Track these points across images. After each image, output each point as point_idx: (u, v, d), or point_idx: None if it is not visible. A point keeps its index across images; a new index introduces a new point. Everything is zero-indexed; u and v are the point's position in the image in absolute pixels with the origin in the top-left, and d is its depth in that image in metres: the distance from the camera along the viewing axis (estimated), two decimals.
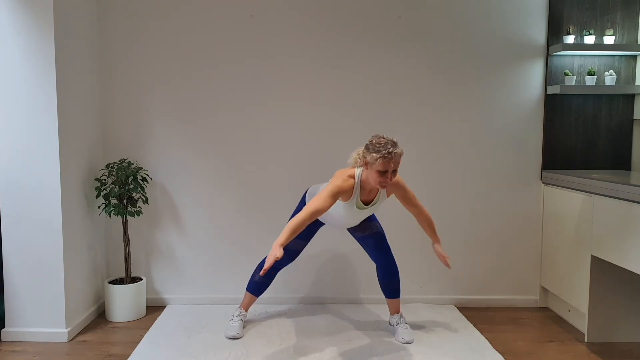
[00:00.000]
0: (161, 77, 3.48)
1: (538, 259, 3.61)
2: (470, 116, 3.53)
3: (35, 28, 2.85)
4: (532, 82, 3.52)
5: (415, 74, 3.49)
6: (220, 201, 3.54)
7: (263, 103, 3.49)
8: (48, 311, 2.99)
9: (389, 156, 2.54)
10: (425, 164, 3.55)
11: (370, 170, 2.61)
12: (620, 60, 3.49)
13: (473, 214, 3.59)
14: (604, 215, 2.84)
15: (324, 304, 3.57)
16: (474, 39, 3.49)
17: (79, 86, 3.18)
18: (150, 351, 2.84)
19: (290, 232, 2.52)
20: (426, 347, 2.89)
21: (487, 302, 3.62)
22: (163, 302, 3.59)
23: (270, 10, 3.45)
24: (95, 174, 3.37)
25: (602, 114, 3.54)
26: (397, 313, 3.07)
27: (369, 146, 2.61)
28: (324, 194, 2.61)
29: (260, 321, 3.26)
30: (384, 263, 2.99)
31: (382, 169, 2.56)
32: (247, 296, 3.14)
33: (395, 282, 3.03)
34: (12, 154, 2.92)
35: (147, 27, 3.45)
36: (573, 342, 3.03)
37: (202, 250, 3.57)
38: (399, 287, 3.05)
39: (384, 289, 3.05)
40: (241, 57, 3.47)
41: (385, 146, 2.56)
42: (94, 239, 3.39)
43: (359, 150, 2.71)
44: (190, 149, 3.52)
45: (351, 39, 3.47)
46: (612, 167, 3.56)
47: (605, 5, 3.46)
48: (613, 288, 2.98)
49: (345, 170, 2.75)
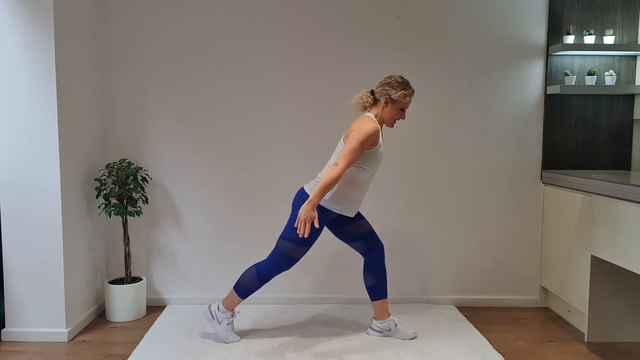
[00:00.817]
0: (161, 77, 3.48)
1: (538, 259, 3.61)
2: (470, 116, 3.53)
3: (35, 28, 2.85)
4: (532, 82, 3.52)
5: (415, 74, 3.48)
6: (221, 201, 3.55)
7: (263, 103, 3.49)
8: (48, 311, 2.99)
9: (413, 92, 2.73)
10: (425, 163, 3.55)
11: (390, 108, 2.71)
12: (620, 60, 3.49)
13: (473, 213, 3.59)
14: (604, 215, 2.84)
15: (323, 304, 3.57)
16: (473, 39, 3.49)
17: (79, 86, 3.18)
18: (150, 351, 2.84)
19: (324, 192, 2.54)
20: (426, 347, 2.89)
21: (487, 302, 3.62)
22: (163, 302, 3.59)
23: (270, 10, 3.45)
24: (95, 174, 3.37)
25: (602, 114, 3.54)
26: (390, 315, 3.04)
27: (393, 84, 2.69)
28: (353, 146, 2.56)
29: (260, 321, 3.26)
30: (382, 257, 2.97)
31: (407, 106, 2.73)
32: (236, 299, 2.90)
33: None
34: (12, 153, 2.92)
35: (147, 27, 3.45)
36: (573, 342, 3.03)
37: (202, 250, 3.58)
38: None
39: (381, 286, 2.99)
40: (241, 57, 3.47)
41: (408, 83, 2.72)
42: (94, 239, 3.39)
43: (365, 93, 2.76)
44: (190, 149, 3.52)
45: (351, 39, 3.47)
46: (612, 167, 3.56)
47: (605, 5, 3.46)
48: (613, 288, 2.98)
49: (360, 120, 2.69)
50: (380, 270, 2.98)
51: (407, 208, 3.58)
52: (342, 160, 2.57)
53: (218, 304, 2.94)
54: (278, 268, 2.84)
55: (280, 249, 2.82)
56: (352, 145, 2.58)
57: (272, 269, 2.83)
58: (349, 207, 2.80)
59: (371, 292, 3.01)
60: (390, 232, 3.56)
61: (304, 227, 2.54)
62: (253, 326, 3.17)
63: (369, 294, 3.03)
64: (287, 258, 2.81)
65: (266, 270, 2.84)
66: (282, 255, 2.81)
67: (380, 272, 2.98)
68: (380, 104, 2.74)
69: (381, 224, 3.51)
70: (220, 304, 2.93)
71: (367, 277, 3.01)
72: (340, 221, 2.93)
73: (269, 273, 2.84)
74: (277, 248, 2.83)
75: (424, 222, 3.59)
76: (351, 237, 2.96)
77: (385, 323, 3.02)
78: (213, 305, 2.95)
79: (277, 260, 2.82)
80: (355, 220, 2.94)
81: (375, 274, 2.98)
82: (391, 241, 3.56)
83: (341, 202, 2.76)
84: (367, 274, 3.01)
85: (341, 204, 2.77)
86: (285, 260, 2.82)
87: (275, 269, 2.83)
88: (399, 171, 3.55)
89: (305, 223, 2.54)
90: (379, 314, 3.03)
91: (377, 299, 3.01)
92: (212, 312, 2.93)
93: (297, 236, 2.73)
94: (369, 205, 3.54)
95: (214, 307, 2.94)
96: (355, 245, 2.97)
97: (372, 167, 2.74)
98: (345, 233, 2.96)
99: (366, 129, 2.61)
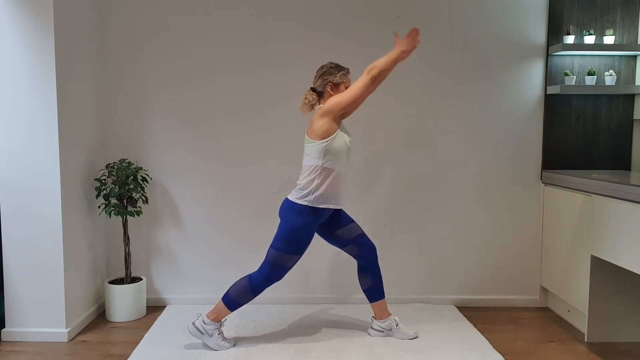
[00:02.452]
0: (161, 77, 3.48)
1: (538, 259, 3.61)
2: (470, 116, 3.53)
3: (35, 28, 2.85)
4: (532, 82, 3.52)
5: (415, 73, 3.49)
6: (221, 201, 3.55)
7: (263, 103, 3.49)
8: (48, 311, 2.99)
9: (349, 71, 2.86)
10: (425, 163, 3.55)
11: (336, 92, 2.81)
12: (620, 60, 3.49)
13: (473, 213, 3.59)
14: (604, 215, 2.84)
15: (323, 304, 3.57)
16: (473, 39, 3.49)
17: (79, 86, 3.18)
18: (150, 351, 2.84)
19: (391, 64, 2.79)
20: (426, 347, 2.89)
21: (487, 302, 3.62)
22: (163, 302, 3.59)
23: (270, 11, 3.45)
24: (95, 174, 3.37)
25: (602, 114, 3.54)
26: (391, 314, 3.05)
27: (330, 70, 2.82)
28: (350, 93, 2.74)
29: (260, 321, 3.26)
30: (375, 258, 2.99)
31: (350, 83, 2.83)
32: (224, 311, 2.85)
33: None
34: (12, 153, 2.92)
35: (147, 27, 3.45)
36: (573, 342, 3.03)
37: (202, 250, 3.57)
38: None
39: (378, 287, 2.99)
40: (241, 57, 3.47)
41: (340, 65, 2.86)
42: (94, 239, 3.39)
43: (308, 92, 2.85)
44: (190, 149, 3.52)
45: (351, 39, 3.47)
46: (612, 167, 3.56)
47: (605, 5, 3.46)
48: (613, 288, 2.98)
49: (319, 109, 2.79)
50: (375, 271, 2.99)
51: (406, 208, 3.57)
52: (353, 91, 2.73)
53: (202, 318, 2.86)
54: (269, 279, 2.83)
55: (271, 259, 2.81)
56: (345, 98, 2.73)
57: (263, 280, 2.82)
58: (337, 198, 2.83)
59: (369, 294, 3.01)
60: (390, 232, 3.56)
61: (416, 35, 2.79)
62: (253, 326, 3.17)
63: (367, 296, 3.03)
64: (278, 268, 2.81)
65: (258, 282, 2.83)
66: (273, 265, 2.80)
67: (375, 273, 2.99)
68: (327, 94, 2.82)
69: (381, 224, 3.51)
70: (204, 318, 2.85)
71: (362, 280, 3.02)
72: (329, 226, 2.93)
73: (260, 284, 2.83)
74: (268, 258, 2.82)
75: (424, 222, 3.58)
76: (343, 241, 2.96)
77: (386, 322, 3.02)
78: (197, 321, 2.86)
79: (268, 271, 2.82)
80: (345, 224, 2.94)
81: (371, 276, 2.98)
82: (391, 241, 3.56)
83: (330, 198, 2.79)
84: (362, 277, 3.02)
85: (330, 199, 2.79)
86: (276, 270, 2.82)
87: (266, 280, 2.82)
88: (398, 171, 3.55)
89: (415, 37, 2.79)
90: (380, 314, 3.03)
91: (375, 300, 3.01)
92: (199, 327, 2.84)
93: (287, 245, 2.77)
94: (369, 205, 3.54)
95: (199, 322, 2.85)
96: (348, 249, 2.98)
97: (339, 158, 2.78)
98: (336, 238, 2.96)
99: (333, 100, 2.74)
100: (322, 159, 2.73)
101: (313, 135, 2.75)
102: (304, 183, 2.76)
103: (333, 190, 2.78)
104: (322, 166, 2.74)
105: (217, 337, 2.85)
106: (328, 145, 2.72)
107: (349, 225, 2.95)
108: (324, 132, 2.73)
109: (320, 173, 2.74)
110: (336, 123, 2.76)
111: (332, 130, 2.73)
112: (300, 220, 2.76)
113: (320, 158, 2.73)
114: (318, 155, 2.73)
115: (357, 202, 3.51)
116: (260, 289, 2.84)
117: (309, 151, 2.77)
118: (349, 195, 3.40)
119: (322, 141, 2.72)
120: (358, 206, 3.48)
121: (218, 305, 2.86)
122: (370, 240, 3.00)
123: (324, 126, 2.73)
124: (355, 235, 2.95)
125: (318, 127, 2.73)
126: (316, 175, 2.74)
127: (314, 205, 2.76)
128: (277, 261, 2.80)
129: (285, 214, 2.80)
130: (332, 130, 2.73)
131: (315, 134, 2.74)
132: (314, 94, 2.85)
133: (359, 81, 2.72)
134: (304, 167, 2.81)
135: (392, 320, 3.02)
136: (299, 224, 2.76)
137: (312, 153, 2.76)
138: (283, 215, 2.82)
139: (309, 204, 2.74)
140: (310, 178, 2.75)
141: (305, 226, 2.77)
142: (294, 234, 2.76)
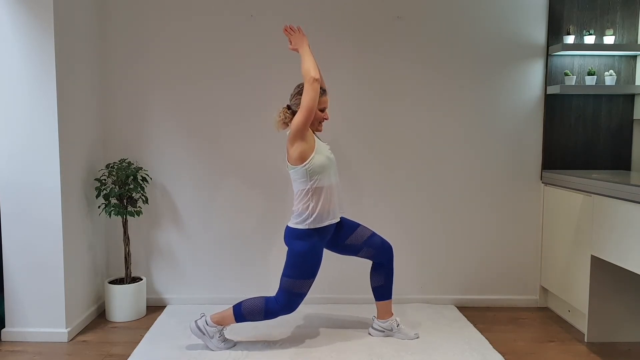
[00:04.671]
0: (161, 77, 3.48)
1: (538, 259, 3.61)
2: (470, 116, 3.53)
3: (35, 28, 2.85)
4: (532, 82, 3.52)
5: (415, 74, 3.49)
6: (221, 201, 3.54)
7: (264, 104, 3.49)
8: (48, 311, 2.99)
9: (325, 91, 2.81)
10: (425, 163, 3.55)
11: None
12: (620, 60, 3.49)
13: (473, 213, 3.59)
14: (604, 215, 2.84)
15: (324, 304, 3.57)
16: (473, 39, 3.49)
17: (79, 86, 3.18)
18: (150, 351, 2.84)
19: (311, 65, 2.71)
20: (426, 347, 2.89)
21: (487, 302, 3.62)
22: (163, 302, 3.59)
23: (270, 11, 3.45)
24: (95, 174, 3.37)
25: (602, 114, 3.54)
26: (393, 315, 3.05)
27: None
28: (301, 117, 2.67)
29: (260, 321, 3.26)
30: (392, 257, 2.99)
31: (325, 104, 2.80)
32: (230, 319, 2.84)
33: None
34: (12, 153, 2.92)
35: (147, 27, 3.45)
36: (573, 342, 3.03)
37: (202, 250, 3.57)
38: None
39: (388, 287, 2.99)
40: (242, 58, 3.47)
41: None
42: (94, 239, 3.39)
43: (283, 110, 2.82)
44: (190, 149, 3.52)
45: (350, 40, 3.47)
46: (612, 167, 3.56)
47: (605, 5, 3.46)
48: (613, 288, 2.98)
49: (289, 135, 2.76)
50: (389, 270, 2.99)
51: (406, 208, 3.57)
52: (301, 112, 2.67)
53: (205, 318, 2.85)
54: (285, 308, 2.80)
55: (285, 287, 2.79)
56: (301, 117, 2.66)
57: (279, 308, 2.79)
58: (334, 212, 2.81)
59: (377, 292, 3.01)
60: (390, 232, 3.55)
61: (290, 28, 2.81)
62: (254, 326, 3.17)
63: (375, 294, 3.02)
64: (294, 295, 2.78)
65: (273, 309, 2.80)
66: (288, 293, 2.78)
67: (389, 273, 2.99)
68: None
69: (381, 225, 3.50)
70: (208, 319, 2.85)
71: (375, 278, 3.01)
72: (337, 238, 2.92)
73: (275, 312, 2.80)
74: (282, 287, 2.79)
75: (424, 222, 3.58)
76: (356, 247, 2.94)
77: (387, 322, 3.02)
78: (199, 321, 2.85)
79: (283, 300, 2.79)
80: (352, 230, 2.93)
81: (384, 275, 2.98)
82: (391, 241, 3.55)
83: (328, 214, 2.78)
84: (375, 274, 3.01)
85: (328, 215, 2.78)
86: (293, 298, 2.79)
87: (281, 308, 2.79)
88: (398, 171, 3.55)
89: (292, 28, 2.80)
90: (382, 314, 3.03)
91: (382, 300, 3.01)
92: (201, 327, 2.84)
93: (299, 271, 2.76)
94: (369, 205, 3.54)
95: (201, 322, 2.84)
96: (363, 253, 2.96)
97: (325, 174, 2.75)
98: (348, 247, 2.95)
99: (300, 146, 2.70)
100: (310, 181, 2.72)
101: (292, 160, 2.73)
102: (300, 208, 2.75)
103: (329, 206, 2.78)
104: (312, 188, 2.72)
105: (218, 339, 2.85)
106: (310, 166, 2.70)
107: (357, 230, 2.94)
108: (300, 155, 2.70)
109: (313, 195, 2.73)
110: (308, 142, 2.71)
111: (308, 150, 2.70)
112: (306, 245, 2.76)
113: (307, 181, 2.72)
114: (304, 178, 2.72)
115: (356, 202, 3.51)
116: (273, 316, 2.82)
117: (294, 176, 2.77)
118: (347, 197, 3.41)
119: (302, 165, 2.70)
120: (358, 207, 3.48)
121: (227, 311, 2.85)
122: (384, 240, 2.99)
123: (297, 149, 2.70)
124: (366, 238, 2.94)
125: (293, 152, 2.71)
126: (309, 198, 2.73)
127: (315, 226, 2.75)
128: (291, 288, 2.78)
129: (291, 242, 2.80)
130: (309, 151, 2.70)
131: (292, 159, 2.72)
132: (288, 112, 2.82)
133: (304, 94, 2.66)
134: (295, 192, 2.80)
135: (393, 320, 3.02)
136: (306, 248, 2.76)
137: (297, 178, 2.75)
138: (288, 243, 2.82)
139: (309, 227, 2.74)
140: (304, 202, 2.74)
141: (312, 249, 2.77)
142: (303, 259, 2.76)
